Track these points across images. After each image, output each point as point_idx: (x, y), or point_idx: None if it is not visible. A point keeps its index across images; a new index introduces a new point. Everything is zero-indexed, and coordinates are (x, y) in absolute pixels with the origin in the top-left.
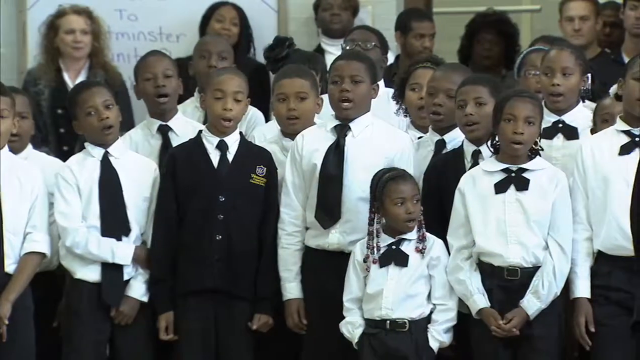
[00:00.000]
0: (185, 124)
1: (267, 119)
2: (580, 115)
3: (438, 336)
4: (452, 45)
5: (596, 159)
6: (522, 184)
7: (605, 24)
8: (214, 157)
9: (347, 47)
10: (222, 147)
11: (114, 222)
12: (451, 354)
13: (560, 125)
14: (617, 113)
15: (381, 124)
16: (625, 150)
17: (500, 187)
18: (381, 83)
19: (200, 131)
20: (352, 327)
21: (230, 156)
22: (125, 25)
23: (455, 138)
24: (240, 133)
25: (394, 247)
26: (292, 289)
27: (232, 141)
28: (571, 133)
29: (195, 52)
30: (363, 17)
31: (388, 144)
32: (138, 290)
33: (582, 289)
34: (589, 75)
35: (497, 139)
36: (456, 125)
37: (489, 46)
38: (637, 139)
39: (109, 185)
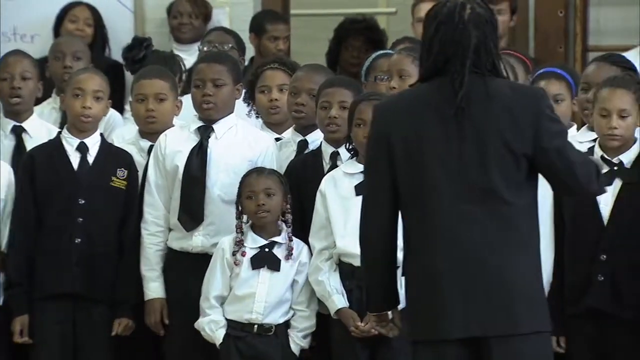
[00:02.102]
0: (40, 126)
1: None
2: None
3: (299, 341)
4: (309, 47)
5: None
6: None
7: None
8: (74, 159)
9: (204, 49)
10: (82, 148)
11: None
12: (310, 355)
13: None
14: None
15: (245, 126)
16: None
17: (360, 189)
18: None
19: (60, 132)
20: (215, 326)
21: (90, 158)
22: None
23: (318, 138)
24: (101, 135)
25: (266, 249)
26: (155, 288)
27: (93, 143)
28: None
29: (50, 53)
30: (220, 18)
31: (251, 146)
32: None
33: None
34: None
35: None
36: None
37: (357, 53)
38: None
39: None
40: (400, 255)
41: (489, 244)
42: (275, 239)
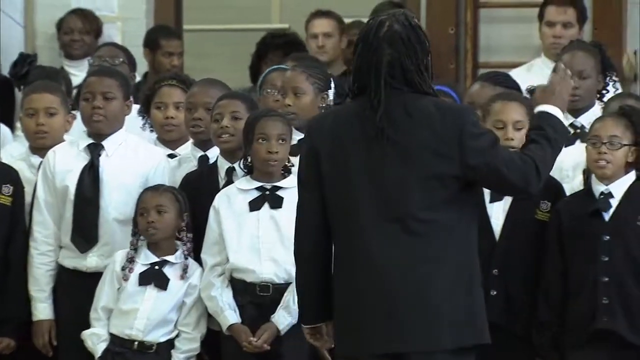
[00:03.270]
0: None
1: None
2: None
3: None
4: (203, 63)
5: None
6: (276, 202)
7: (352, 43)
8: None
9: (95, 64)
10: None
11: None
12: None
13: None
14: None
15: (135, 140)
16: None
17: (254, 205)
18: None
19: None
20: (97, 339)
21: None
22: None
23: (218, 153)
24: None
25: (156, 267)
26: (43, 309)
27: None
28: None
29: None
30: (112, 33)
31: (143, 161)
32: None
33: None
34: (329, 92)
35: (249, 159)
36: None
37: None
38: None
39: None
40: None
41: (408, 261)
42: (168, 257)
